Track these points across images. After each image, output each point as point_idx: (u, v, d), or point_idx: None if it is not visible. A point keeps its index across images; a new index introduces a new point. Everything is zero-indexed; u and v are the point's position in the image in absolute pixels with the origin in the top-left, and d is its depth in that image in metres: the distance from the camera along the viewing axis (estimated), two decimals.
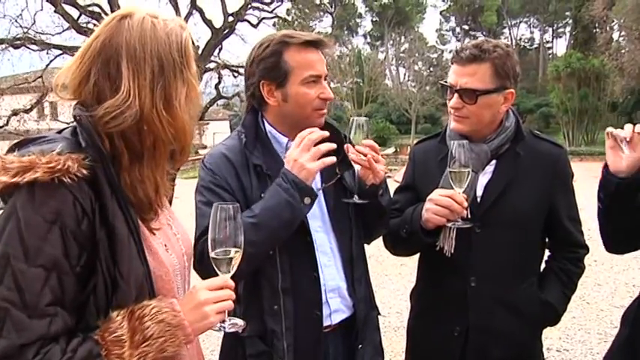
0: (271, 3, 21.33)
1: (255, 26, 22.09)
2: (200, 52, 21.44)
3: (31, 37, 12.63)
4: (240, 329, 1.36)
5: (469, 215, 1.90)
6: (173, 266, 1.30)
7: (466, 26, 59.41)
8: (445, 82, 1.98)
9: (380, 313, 2.04)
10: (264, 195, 1.72)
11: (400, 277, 6.59)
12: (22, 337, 1.04)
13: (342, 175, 1.85)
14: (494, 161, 1.99)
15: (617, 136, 1.66)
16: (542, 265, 2.11)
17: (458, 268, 1.96)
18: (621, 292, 6.02)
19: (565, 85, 32.95)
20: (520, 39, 60.32)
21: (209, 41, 21.53)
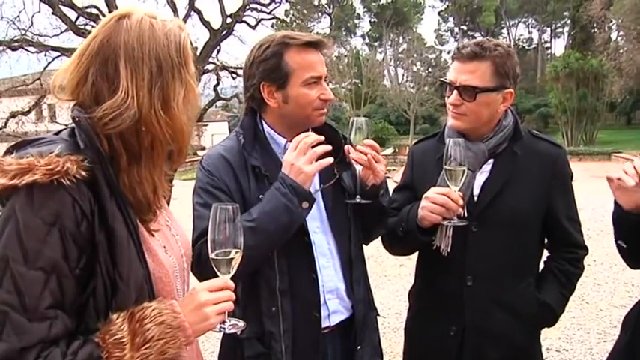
0: (269, 4, 21.32)
1: (254, 27, 22.09)
2: (198, 53, 21.41)
3: (29, 39, 12.62)
4: (240, 330, 1.36)
5: (466, 214, 1.91)
6: (172, 268, 1.30)
7: (464, 27, 59.50)
8: (445, 78, 1.99)
9: (379, 313, 2.04)
10: (262, 197, 1.72)
11: (399, 277, 6.59)
12: (22, 341, 1.04)
13: (340, 176, 1.85)
14: (491, 160, 1.99)
15: (623, 181, 1.64)
16: (541, 266, 2.11)
17: (454, 267, 1.96)
18: (620, 291, 6.02)
19: (563, 85, 33.01)
20: (518, 39, 60.51)
21: (207, 43, 21.53)
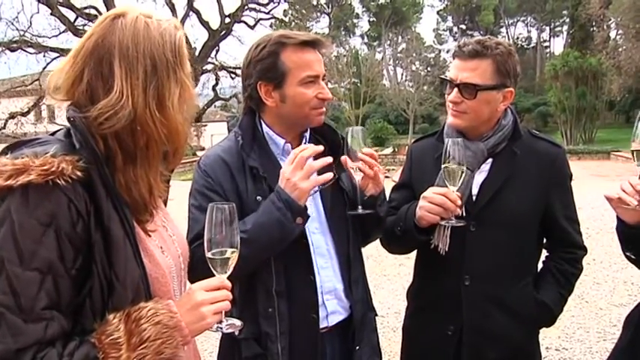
0: (268, 4, 21.30)
1: (252, 27, 22.09)
2: (197, 53, 21.45)
3: (28, 40, 12.62)
4: (238, 330, 1.35)
5: (464, 214, 1.90)
6: (169, 268, 1.29)
7: (463, 26, 59.51)
8: (445, 76, 1.98)
9: (377, 314, 2.04)
10: (259, 198, 1.72)
11: (399, 277, 6.58)
12: (17, 342, 1.04)
13: (339, 177, 1.84)
14: (490, 159, 1.98)
15: (624, 201, 1.64)
16: (540, 266, 2.11)
17: (452, 266, 1.96)
18: (620, 290, 6.02)
19: (562, 84, 33.00)
20: (517, 38, 60.49)
21: (206, 43, 21.52)
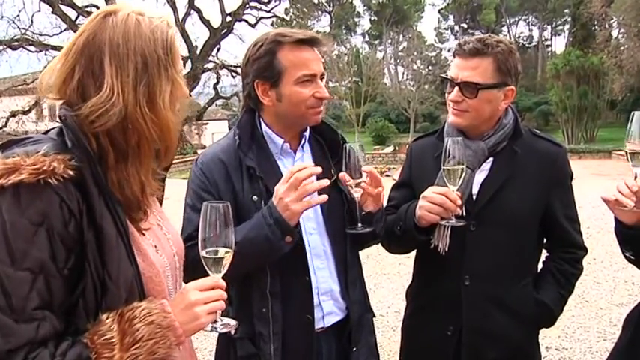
0: (269, 2, 21.26)
1: (253, 26, 22.09)
2: (198, 52, 21.48)
3: (29, 39, 12.63)
4: (233, 329, 1.35)
5: (464, 213, 1.89)
6: (164, 267, 1.28)
7: (465, 24, 59.45)
8: (446, 74, 1.97)
9: (375, 315, 2.03)
10: (255, 198, 1.72)
11: (399, 276, 6.58)
12: (9, 342, 1.03)
13: (337, 177, 1.83)
14: (490, 159, 1.97)
15: (621, 203, 1.63)
16: (540, 266, 2.10)
17: (452, 266, 1.95)
18: (620, 290, 6.01)
19: (564, 83, 32.95)
20: (519, 37, 60.42)
21: (207, 41, 21.51)
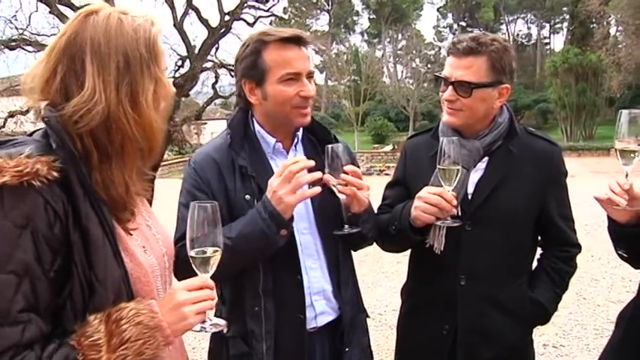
0: (267, 2, 21.22)
1: (252, 25, 22.02)
2: (197, 51, 21.44)
3: (27, 39, 12.58)
4: (224, 329, 1.34)
5: (459, 213, 1.88)
6: (152, 267, 1.28)
7: (463, 23, 59.36)
8: (440, 74, 1.96)
9: (368, 315, 2.03)
10: (247, 197, 1.72)
11: (397, 274, 6.58)
12: None
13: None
14: (486, 158, 1.96)
15: (614, 201, 1.63)
16: (534, 264, 2.09)
17: (447, 266, 1.94)
18: (618, 287, 6.01)
19: (563, 81, 32.99)
20: (517, 35, 60.38)
21: (206, 40, 21.47)
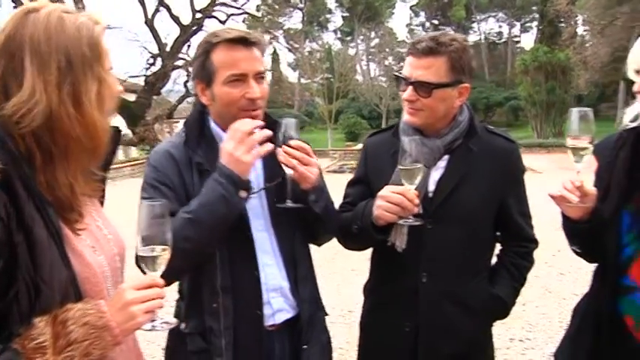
0: None
1: (224, 23, 21.95)
2: (168, 49, 21.23)
3: None
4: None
5: (421, 211, 1.89)
6: (102, 268, 1.27)
7: (436, 21, 59.79)
8: (400, 73, 1.97)
9: (327, 313, 2.04)
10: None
11: (367, 271, 6.61)
12: None
13: (286, 173, 1.83)
14: (446, 156, 1.97)
15: (566, 198, 1.66)
16: (494, 259, 2.12)
17: (409, 264, 1.95)
18: (583, 280, 6.11)
19: (533, 79, 33.40)
20: (489, 33, 61.06)
21: (177, 38, 21.20)
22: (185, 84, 20.42)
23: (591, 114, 1.65)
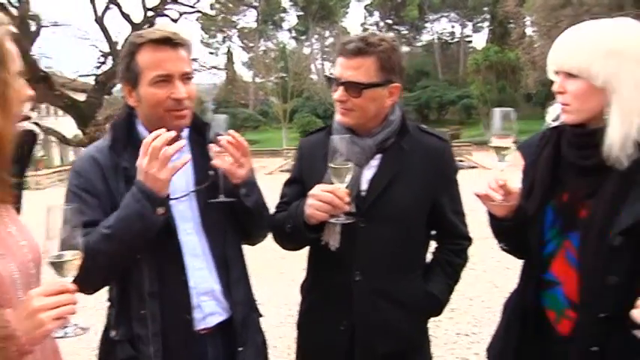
0: None
1: (176, 21, 21.65)
2: (120, 47, 20.74)
3: None
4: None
5: (354, 209, 1.91)
6: (11, 275, 1.23)
7: (389, 20, 60.45)
8: (331, 74, 1.98)
9: (261, 314, 2.04)
10: None
11: (305, 271, 6.63)
12: None
13: (216, 175, 1.81)
14: (379, 155, 1.99)
15: (490, 197, 1.69)
16: (429, 256, 2.16)
17: (343, 262, 1.96)
18: None
19: (484, 78, 34.24)
20: (442, 33, 62.09)
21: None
22: None
23: (514, 114, 1.69)
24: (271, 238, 2.10)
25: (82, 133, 19.18)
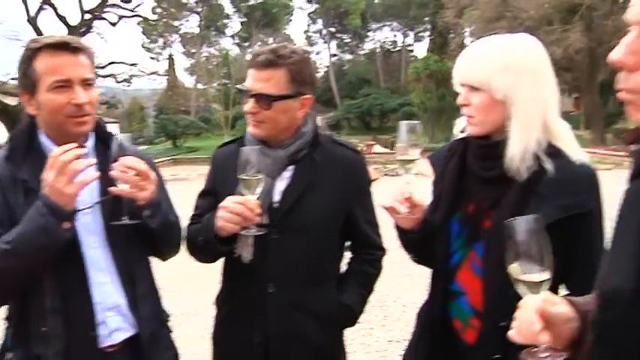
0: (130, 1, 20.53)
1: (114, 25, 21.14)
2: None
3: None
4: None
5: (267, 221, 1.89)
6: None
7: (332, 28, 61.05)
8: (243, 86, 1.97)
9: (171, 330, 1.99)
10: None
11: None
12: None
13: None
14: (292, 167, 1.99)
15: (396, 209, 1.69)
16: (343, 267, 2.16)
17: (256, 274, 1.95)
18: None
19: (425, 86, 35.00)
20: (384, 42, 63.22)
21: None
22: None
23: (419, 127, 1.71)
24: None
25: None
